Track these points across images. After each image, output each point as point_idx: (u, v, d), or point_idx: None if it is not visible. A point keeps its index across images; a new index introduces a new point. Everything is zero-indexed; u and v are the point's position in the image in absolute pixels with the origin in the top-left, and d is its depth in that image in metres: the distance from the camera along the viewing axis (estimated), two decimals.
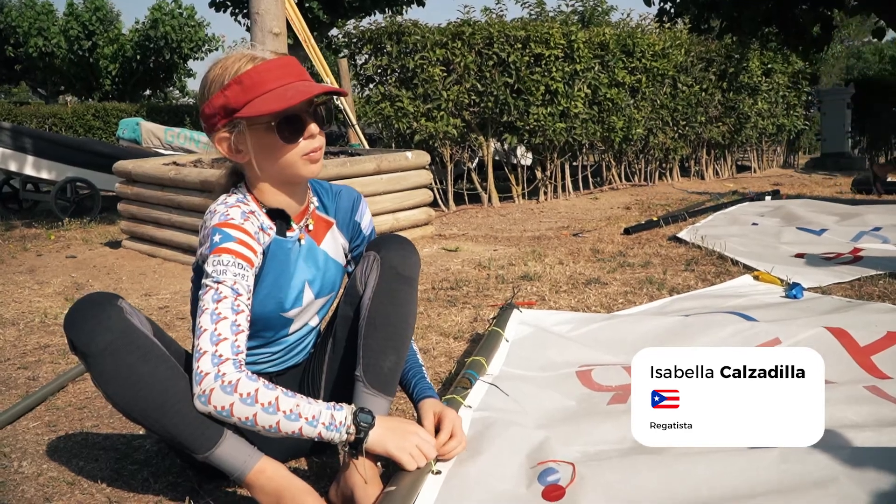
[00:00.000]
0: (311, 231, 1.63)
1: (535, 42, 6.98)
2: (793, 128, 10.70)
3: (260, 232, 1.51)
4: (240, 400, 1.34)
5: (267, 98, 1.42)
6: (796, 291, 3.05)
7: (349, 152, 5.36)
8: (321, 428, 1.38)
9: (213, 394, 1.34)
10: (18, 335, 2.97)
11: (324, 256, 1.65)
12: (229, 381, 1.35)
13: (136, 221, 4.97)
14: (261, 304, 1.53)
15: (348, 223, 1.70)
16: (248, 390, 1.35)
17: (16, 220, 7.01)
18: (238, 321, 1.40)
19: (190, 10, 25.13)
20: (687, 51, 8.66)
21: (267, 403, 1.35)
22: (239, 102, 1.43)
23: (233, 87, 1.43)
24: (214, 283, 1.41)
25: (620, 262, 4.02)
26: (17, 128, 7.38)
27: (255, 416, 1.35)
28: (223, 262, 1.42)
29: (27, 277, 4.16)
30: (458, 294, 3.42)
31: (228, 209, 1.49)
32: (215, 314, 1.38)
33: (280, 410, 1.35)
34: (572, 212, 6.64)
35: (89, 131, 17.07)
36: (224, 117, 1.46)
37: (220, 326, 1.37)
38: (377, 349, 1.56)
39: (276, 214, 1.56)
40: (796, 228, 4.70)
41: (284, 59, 1.48)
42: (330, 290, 1.68)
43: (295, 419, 1.36)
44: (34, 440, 1.93)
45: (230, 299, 1.40)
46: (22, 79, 26.65)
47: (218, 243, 1.43)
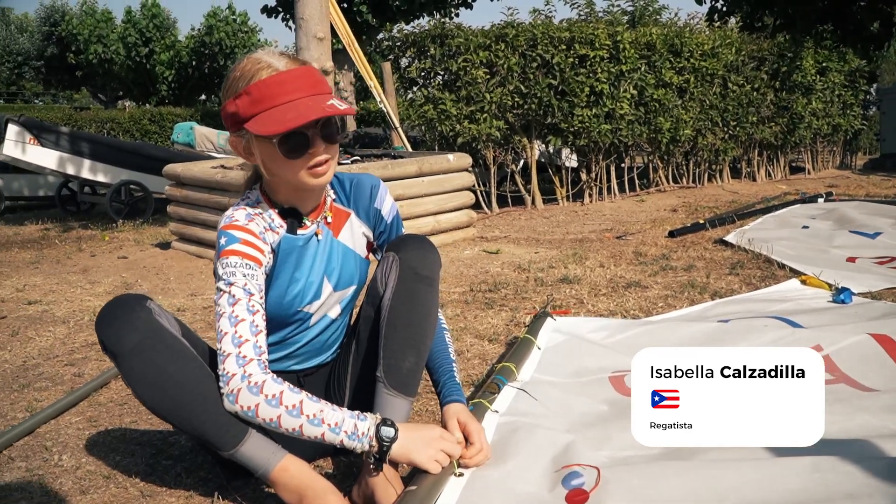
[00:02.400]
0: (329, 224, 1.64)
1: (579, 43, 6.94)
2: (849, 128, 10.41)
3: (267, 231, 1.53)
4: (265, 401, 1.37)
5: (271, 115, 1.41)
6: (845, 296, 2.96)
7: (392, 155, 5.40)
8: (343, 436, 1.40)
9: (241, 394, 1.38)
10: (68, 333, 3.07)
11: (342, 249, 1.65)
12: (255, 381, 1.38)
13: (184, 223, 5.09)
14: (279, 301, 1.56)
15: (368, 210, 1.69)
16: (274, 392, 1.38)
17: (73, 221, 7.24)
18: (255, 321, 1.43)
19: (243, 17, 25.64)
20: (738, 50, 8.49)
21: (291, 406, 1.38)
22: (246, 114, 1.44)
23: (243, 98, 1.44)
24: (227, 285, 1.44)
25: (663, 265, 3.96)
26: (75, 132, 7.63)
27: (279, 417, 1.37)
28: (231, 265, 1.45)
29: (80, 277, 4.29)
30: (495, 296, 3.42)
31: (234, 212, 1.52)
32: (233, 317, 1.41)
33: (303, 414, 1.38)
34: (617, 214, 6.57)
35: (145, 135, 17.52)
36: (234, 124, 1.48)
37: (239, 328, 1.41)
38: (397, 350, 1.57)
39: (289, 213, 1.58)
40: (849, 231, 4.57)
41: (300, 70, 1.46)
42: (350, 283, 1.67)
43: (318, 424, 1.38)
44: (75, 434, 2.00)
45: (244, 301, 1.43)
46: (83, 85, 27.50)
47: (224, 246, 1.47)
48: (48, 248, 5.52)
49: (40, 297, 3.74)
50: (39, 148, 7.15)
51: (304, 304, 1.60)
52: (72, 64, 24.84)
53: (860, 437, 1.66)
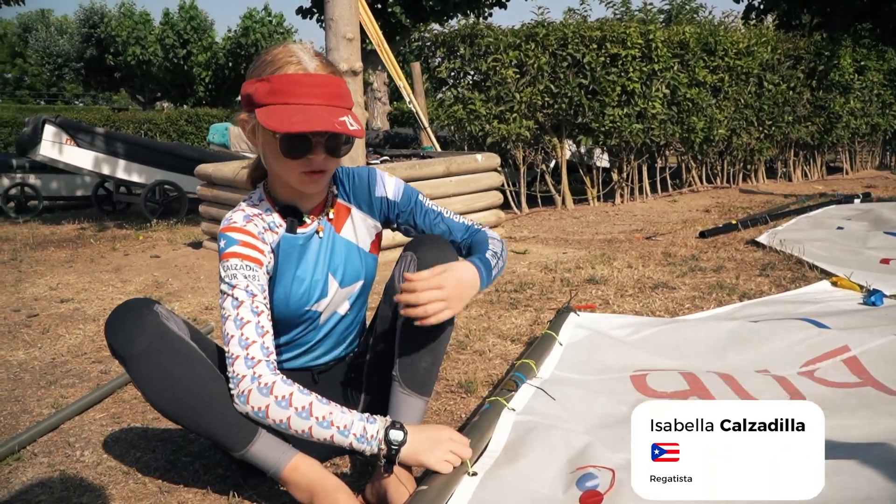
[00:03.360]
0: (331, 220, 1.63)
1: (611, 42, 6.88)
2: (889, 127, 10.18)
3: (266, 232, 1.53)
4: (275, 402, 1.38)
5: (280, 111, 1.40)
6: (876, 298, 2.90)
7: (421, 155, 5.40)
8: (353, 439, 1.40)
9: (252, 395, 1.39)
10: (97, 331, 3.12)
11: (344, 244, 1.64)
12: (265, 382, 1.39)
13: (215, 223, 5.15)
14: (285, 302, 1.56)
15: (370, 202, 1.66)
16: (284, 393, 1.39)
17: (109, 221, 7.37)
18: (261, 322, 1.43)
19: (279, 18, 25.88)
20: (773, 48, 8.35)
21: (301, 408, 1.38)
22: (260, 101, 1.43)
23: (264, 84, 1.43)
24: (229, 288, 1.45)
25: (692, 266, 3.91)
26: (111, 133, 7.76)
27: (289, 419, 1.38)
28: (232, 267, 1.46)
29: (112, 276, 4.37)
30: (520, 297, 3.41)
31: (233, 214, 1.53)
32: (238, 320, 1.42)
33: (313, 416, 1.38)
34: (648, 215, 6.51)
35: (182, 136, 17.80)
36: (248, 104, 1.48)
37: (245, 330, 1.42)
38: (413, 349, 1.57)
39: (289, 211, 1.57)
40: (884, 233, 4.46)
41: (326, 78, 1.44)
42: (356, 278, 1.66)
43: (327, 427, 1.39)
44: (98, 431, 2.03)
45: (248, 302, 1.44)
46: (121, 86, 27.98)
47: (224, 249, 1.48)
48: (83, 247, 5.62)
49: (72, 296, 3.81)
50: (76, 148, 7.29)
51: (312, 302, 1.60)
52: (110, 65, 25.30)
53: (884, 441, 1.62)
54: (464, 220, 1.69)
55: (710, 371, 2.20)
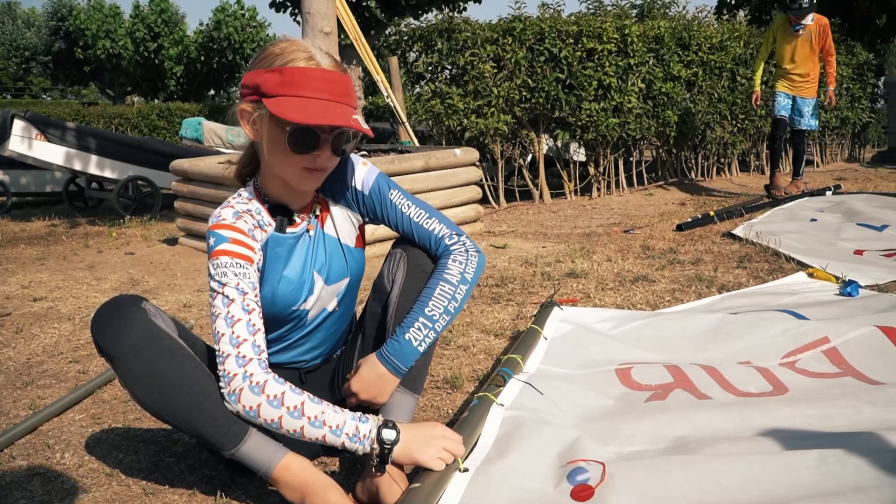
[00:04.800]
0: (318, 217, 1.60)
1: (587, 37, 6.90)
2: (857, 121, 10.33)
3: (256, 229, 1.50)
4: (267, 402, 1.36)
5: (294, 102, 1.37)
6: (852, 289, 2.95)
7: (399, 150, 5.38)
8: (345, 438, 1.38)
9: (243, 393, 1.36)
10: (73, 330, 3.07)
11: (328, 241, 1.61)
12: (257, 381, 1.37)
13: (191, 219, 5.09)
14: (272, 301, 1.54)
15: (344, 193, 1.62)
16: (276, 392, 1.37)
17: (81, 217, 7.26)
18: (252, 320, 1.41)
19: (252, 12, 25.63)
20: (746, 43, 8.43)
21: (293, 408, 1.36)
22: (270, 91, 1.39)
23: (274, 74, 1.39)
24: (220, 286, 1.42)
25: (670, 259, 3.94)
26: (82, 128, 7.62)
27: (281, 418, 1.36)
28: (222, 265, 1.43)
29: (86, 273, 4.30)
30: (502, 291, 3.41)
31: (222, 210, 1.50)
32: (229, 318, 1.40)
33: (305, 416, 1.37)
34: (625, 208, 6.54)
35: (154, 131, 17.57)
36: (253, 94, 1.43)
37: (236, 328, 1.39)
38: None
39: (279, 210, 1.54)
40: (857, 224, 4.53)
41: (338, 75, 1.42)
42: (342, 275, 1.62)
43: (319, 426, 1.37)
44: (78, 432, 1.99)
45: (238, 300, 1.41)
46: (91, 80, 27.56)
47: (213, 246, 1.45)
48: (55, 244, 5.53)
49: (46, 294, 3.74)
50: (46, 143, 7.15)
51: (299, 302, 1.57)
52: (79, 59, 24.90)
53: (868, 430, 1.64)
54: (435, 228, 1.60)
55: (693, 363, 2.22)
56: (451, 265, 1.55)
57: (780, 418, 1.77)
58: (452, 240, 1.59)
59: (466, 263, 1.56)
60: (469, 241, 1.60)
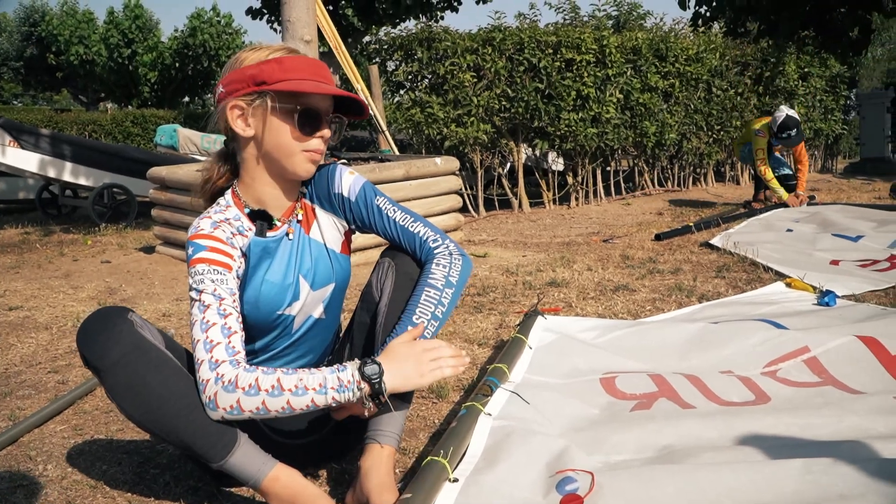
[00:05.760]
0: (300, 222, 1.61)
1: (566, 47, 6.96)
2: (830, 132, 10.51)
3: (235, 237, 1.50)
4: (244, 394, 1.34)
5: (303, 83, 1.45)
6: (829, 299, 2.99)
7: (379, 158, 5.38)
8: (332, 393, 1.37)
9: (218, 396, 1.34)
10: (51, 339, 3.02)
11: (313, 246, 1.61)
12: (228, 379, 1.35)
13: (169, 227, 5.04)
14: (255, 305, 1.53)
15: (330, 200, 1.63)
16: (249, 381, 1.35)
17: (54, 225, 7.16)
18: (227, 323, 1.40)
19: (227, 18, 25.47)
20: (722, 55, 8.56)
21: (270, 388, 1.35)
22: (273, 78, 1.44)
23: (270, 64, 1.45)
24: (197, 294, 1.41)
25: (650, 268, 3.97)
26: (56, 134, 7.53)
27: (264, 402, 1.34)
28: (199, 272, 1.43)
29: (62, 282, 4.24)
30: (484, 300, 3.41)
31: (200, 221, 1.50)
32: (204, 323, 1.39)
33: (285, 390, 1.35)
34: (604, 217, 6.59)
35: (128, 138, 17.39)
36: (251, 85, 1.46)
37: (210, 333, 1.38)
38: None
39: (258, 215, 1.55)
40: (832, 235, 4.61)
41: (318, 62, 1.50)
42: (327, 280, 1.62)
43: (303, 393, 1.36)
44: (60, 443, 1.96)
45: (214, 305, 1.40)
46: (63, 86, 27.24)
47: (191, 255, 1.45)
48: (29, 252, 5.45)
49: (21, 303, 3.69)
50: (20, 150, 7.05)
51: (284, 306, 1.56)
52: (52, 65, 24.59)
53: (850, 439, 1.67)
54: (420, 231, 1.61)
55: (676, 373, 2.24)
56: (435, 270, 1.56)
57: (763, 427, 1.79)
58: (437, 243, 1.59)
59: (450, 267, 1.57)
60: (453, 245, 1.61)
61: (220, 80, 1.51)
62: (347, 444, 1.78)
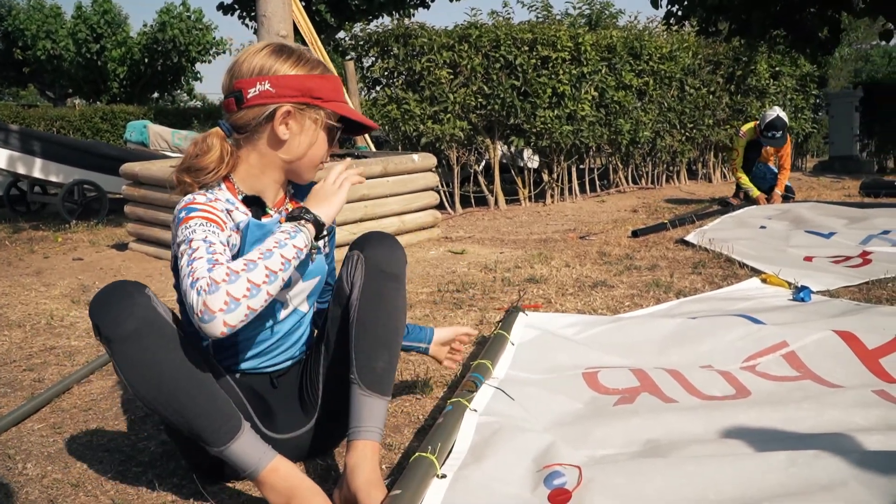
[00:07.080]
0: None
1: (542, 45, 6.98)
2: (801, 131, 10.66)
3: (232, 211, 1.52)
4: (227, 284, 1.31)
5: (352, 111, 1.61)
6: (804, 294, 3.03)
7: (356, 154, 5.35)
8: (291, 241, 1.43)
9: (207, 304, 1.29)
10: (25, 337, 2.97)
11: None
12: (207, 283, 1.30)
13: (142, 224, 4.98)
14: None
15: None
16: (225, 272, 1.32)
17: (23, 222, 7.03)
18: (215, 257, 1.36)
19: (198, 14, 25.18)
20: (694, 53, 8.65)
21: (243, 267, 1.35)
22: (326, 96, 1.54)
23: (325, 81, 1.55)
24: (187, 243, 1.39)
25: (627, 264, 4.00)
26: (25, 130, 7.40)
27: (249, 280, 1.33)
28: (191, 227, 1.41)
29: (34, 279, 4.17)
30: (463, 297, 3.41)
31: (193, 195, 1.50)
32: (191, 260, 1.35)
33: (258, 260, 1.37)
34: (579, 214, 6.63)
35: (97, 134, 17.13)
36: (306, 96, 1.53)
37: (195, 265, 1.34)
38: (368, 350, 1.55)
39: (252, 201, 1.57)
40: (805, 232, 4.68)
41: (338, 79, 1.60)
42: (315, 273, 1.65)
43: (272, 255, 1.39)
44: (39, 442, 1.93)
45: (203, 248, 1.37)
46: (30, 82, 26.75)
47: (183, 217, 1.44)
48: None
49: None
50: None
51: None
52: (18, 60, 24.11)
53: (832, 432, 1.70)
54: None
55: (657, 367, 2.26)
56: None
57: (745, 421, 1.81)
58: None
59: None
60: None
61: (257, 76, 1.51)
62: (331, 438, 1.78)
